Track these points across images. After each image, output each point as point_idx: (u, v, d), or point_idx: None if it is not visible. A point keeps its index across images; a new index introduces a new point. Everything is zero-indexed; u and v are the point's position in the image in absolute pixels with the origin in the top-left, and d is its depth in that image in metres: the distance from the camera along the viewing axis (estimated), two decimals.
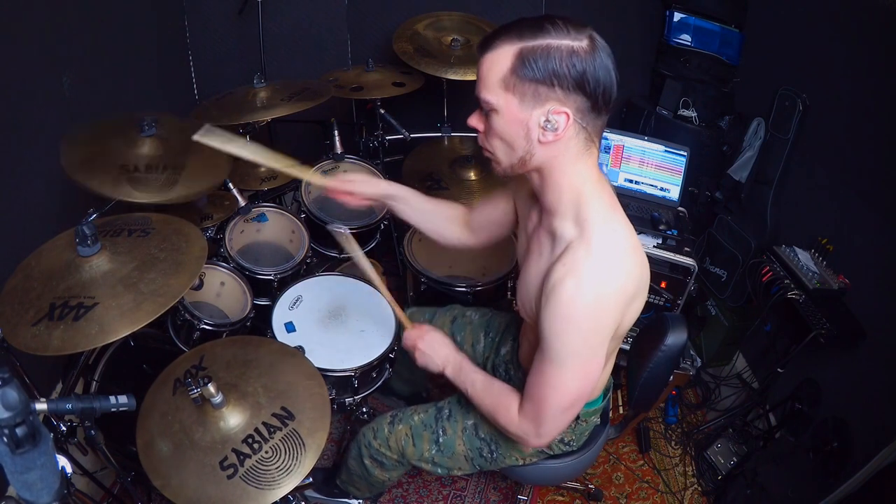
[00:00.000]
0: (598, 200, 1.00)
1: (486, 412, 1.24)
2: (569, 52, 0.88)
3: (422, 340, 1.33)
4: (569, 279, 0.95)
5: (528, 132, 0.94)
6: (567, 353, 1.00)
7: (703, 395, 2.27)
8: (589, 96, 0.90)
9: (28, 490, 0.68)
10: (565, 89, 0.89)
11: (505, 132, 0.96)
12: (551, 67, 0.88)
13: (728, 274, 2.15)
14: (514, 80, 0.90)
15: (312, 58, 2.43)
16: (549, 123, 0.92)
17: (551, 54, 0.88)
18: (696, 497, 1.96)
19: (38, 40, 1.51)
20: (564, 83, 0.89)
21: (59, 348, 0.99)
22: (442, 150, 2.14)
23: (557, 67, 0.88)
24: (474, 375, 1.26)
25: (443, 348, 1.32)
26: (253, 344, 1.27)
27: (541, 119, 0.92)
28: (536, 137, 0.94)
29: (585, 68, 0.88)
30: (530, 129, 0.94)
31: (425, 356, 1.31)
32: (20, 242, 1.29)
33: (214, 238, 1.73)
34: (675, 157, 2.08)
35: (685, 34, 2.27)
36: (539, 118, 0.92)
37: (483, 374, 1.27)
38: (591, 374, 1.05)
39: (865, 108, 1.71)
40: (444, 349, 1.32)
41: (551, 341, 1.00)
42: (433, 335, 1.33)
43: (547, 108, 0.91)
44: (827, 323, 1.62)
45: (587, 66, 0.88)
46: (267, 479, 1.00)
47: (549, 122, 0.92)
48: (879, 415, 1.51)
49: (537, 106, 0.91)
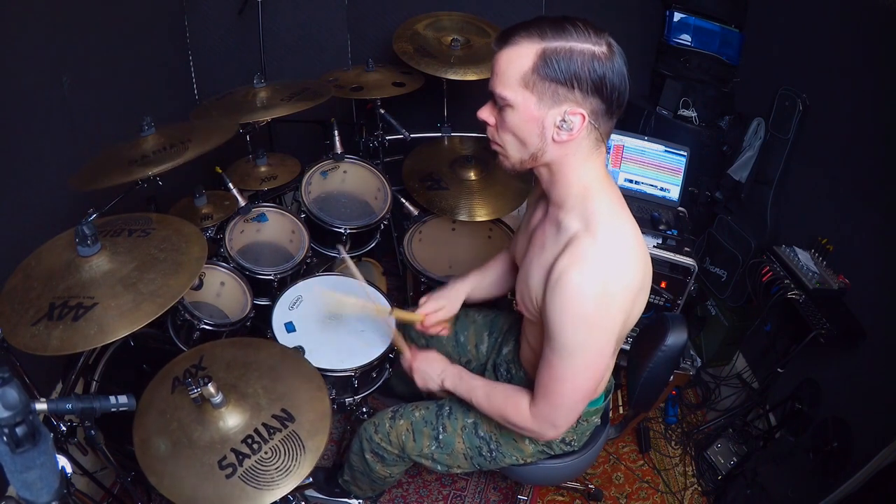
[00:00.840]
0: (604, 197, 1.01)
1: (494, 416, 1.25)
2: (591, 56, 0.90)
3: (415, 361, 1.37)
4: (574, 270, 0.96)
5: (542, 130, 0.96)
6: (575, 345, 1.01)
7: (703, 395, 2.27)
8: (605, 100, 0.93)
9: (28, 489, 0.68)
10: (584, 91, 0.91)
11: (519, 128, 0.98)
12: (573, 70, 0.90)
13: (728, 274, 2.15)
14: (534, 79, 0.92)
15: (312, 58, 2.43)
16: (564, 123, 0.94)
17: (574, 57, 0.90)
18: (696, 497, 1.96)
19: (38, 40, 1.51)
20: (584, 86, 0.91)
21: (59, 348, 0.99)
22: (442, 150, 2.14)
23: (579, 70, 0.90)
24: (474, 382, 1.28)
25: (436, 363, 1.36)
26: (253, 346, 1.27)
27: (556, 119, 0.94)
28: (551, 136, 0.96)
29: (605, 73, 0.90)
30: (545, 128, 0.96)
31: (422, 375, 1.36)
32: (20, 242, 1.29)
33: (214, 238, 1.73)
34: (675, 157, 2.08)
35: (685, 34, 2.27)
36: (555, 117, 0.94)
37: (482, 379, 1.29)
38: (600, 365, 1.06)
39: (865, 108, 1.71)
40: (438, 364, 1.36)
41: (558, 334, 1.01)
42: (424, 354, 1.38)
43: (564, 108, 0.93)
44: (827, 323, 1.62)
45: (606, 71, 0.91)
46: (266, 480, 1.00)
47: (564, 122, 0.94)
48: (879, 415, 1.51)
49: (555, 106, 0.93)
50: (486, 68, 1.90)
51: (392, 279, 2.43)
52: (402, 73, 2.09)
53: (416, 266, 1.88)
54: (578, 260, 0.97)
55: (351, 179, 2.06)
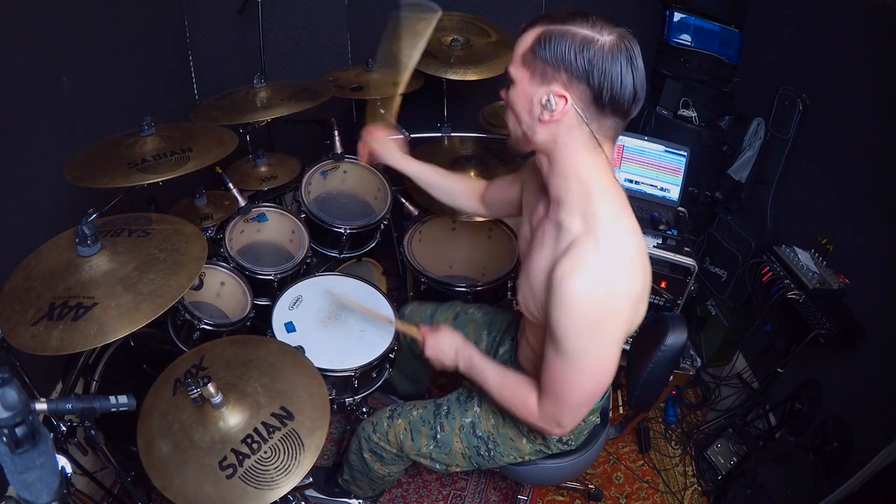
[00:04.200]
0: (608, 200, 1.01)
1: (503, 404, 1.24)
2: (583, 41, 0.91)
3: (429, 336, 1.35)
4: (575, 275, 0.96)
5: (531, 108, 0.99)
6: (577, 350, 1.01)
7: (703, 395, 2.27)
8: (593, 89, 0.93)
9: (27, 490, 0.68)
10: (570, 75, 0.93)
11: (514, 104, 1.02)
12: (562, 52, 0.92)
13: (728, 274, 2.15)
14: (530, 57, 0.96)
15: (312, 58, 2.43)
16: (549, 103, 0.96)
17: (567, 40, 0.92)
18: (696, 497, 1.96)
19: (38, 40, 1.51)
20: (570, 69, 0.93)
21: (58, 348, 0.99)
22: (442, 150, 2.14)
23: (566, 53, 0.92)
24: (486, 365, 1.27)
25: (449, 337, 1.33)
26: (253, 344, 1.27)
27: (542, 97, 0.96)
28: (537, 115, 0.98)
29: (594, 62, 0.91)
30: (533, 105, 0.98)
31: (435, 347, 1.33)
32: (20, 242, 1.29)
33: (214, 238, 1.73)
34: (675, 157, 2.08)
35: (685, 34, 2.27)
36: (542, 96, 0.96)
37: (494, 365, 1.27)
38: (604, 370, 1.05)
39: (865, 108, 1.71)
40: (453, 339, 1.33)
41: (561, 338, 1.01)
42: (440, 330, 1.36)
43: (551, 88, 0.95)
44: (827, 323, 1.62)
45: (598, 60, 0.91)
46: (266, 480, 1.00)
47: (549, 101, 0.96)
48: (879, 415, 1.51)
49: (543, 84, 0.96)
50: (486, 68, 1.90)
51: (392, 279, 2.43)
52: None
53: (416, 266, 1.88)
54: (580, 265, 0.96)
55: (351, 179, 2.06)
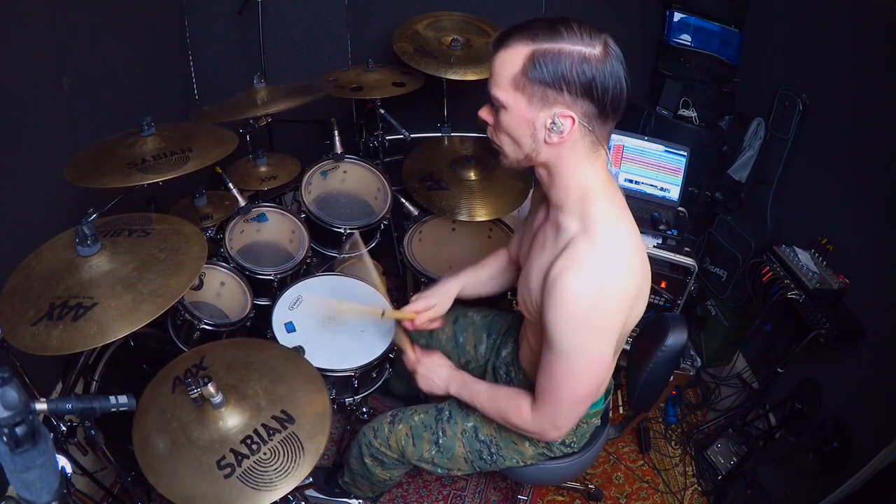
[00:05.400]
0: (604, 200, 1.01)
1: (497, 419, 1.25)
2: (580, 58, 0.89)
3: (420, 365, 1.37)
4: (570, 273, 0.96)
5: (534, 132, 0.96)
6: (571, 347, 1.01)
7: (703, 395, 2.27)
8: (596, 102, 0.92)
9: (27, 489, 0.68)
10: (573, 94, 0.91)
11: (512, 129, 0.98)
12: (561, 72, 0.89)
13: (728, 274, 2.15)
14: (524, 81, 0.92)
15: (312, 58, 2.43)
16: (554, 126, 0.93)
17: (562, 59, 0.89)
18: (696, 497, 1.96)
19: (38, 40, 1.51)
20: (573, 88, 0.90)
21: (58, 348, 0.99)
22: (442, 150, 2.14)
23: (567, 73, 0.89)
24: (477, 388, 1.28)
25: (441, 369, 1.35)
26: (255, 347, 1.27)
27: (547, 121, 0.94)
28: (542, 138, 0.96)
29: (595, 75, 0.90)
30: (536, 130, 0.96)
31: (426, 379, 1.35)
32: (20, 242, 1.29)
33: (214, 238, 1.73)
34: (675, 157, 2.08)
35: (685, 34, 2.27)
36: (545, 120, 0.94)
37: (486, 384, 1.29)
38: (599, 368, 1.06)
39: (865, 108, 1.71)
40: (443, 369, 1.35)
41: (555, 337, 1.01)
42: (428, 358, 1.38)
43: (554, 110, 0.93)
44: (827, 323, 1.62)
45: (597, 74, 0.90)
46: (264, 481, 1.00)
47: (554, 124, 0.93)
48: (879, 415, 1.51)
49: (544, 108, 0.93)
50: (485, 68, 1.90)
51: (392, 279, 2.43)
52: (402, 73, 2.09)
53: (416, 266, 1.88)
54: (574, 263, 0.96)
55: (351, 179, 2.06)
